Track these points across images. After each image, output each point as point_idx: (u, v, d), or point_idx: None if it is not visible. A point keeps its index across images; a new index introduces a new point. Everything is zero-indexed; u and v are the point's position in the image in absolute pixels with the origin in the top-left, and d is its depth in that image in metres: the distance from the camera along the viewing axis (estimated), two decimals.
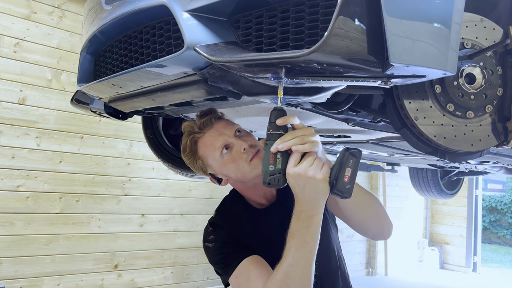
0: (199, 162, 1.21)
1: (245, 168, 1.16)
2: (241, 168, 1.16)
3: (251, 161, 1.15)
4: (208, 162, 1.20)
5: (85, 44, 1.31)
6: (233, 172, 1.19)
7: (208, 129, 1.18)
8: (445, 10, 0.77)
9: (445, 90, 0.98)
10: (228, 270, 1.15)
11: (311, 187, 0.90)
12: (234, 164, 1.16)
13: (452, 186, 4.27)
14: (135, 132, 3.79)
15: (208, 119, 1.18)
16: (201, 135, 1.19)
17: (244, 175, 1.18)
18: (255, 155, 1.16)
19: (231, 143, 1.16)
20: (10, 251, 3.16)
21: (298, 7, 0.79)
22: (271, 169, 0.91)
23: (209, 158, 1.19)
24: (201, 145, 1.19)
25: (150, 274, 3.91)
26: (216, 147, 1.16)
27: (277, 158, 0.91)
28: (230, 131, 1.18)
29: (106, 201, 3.66)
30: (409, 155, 2.27)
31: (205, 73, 0.96)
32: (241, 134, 1.20)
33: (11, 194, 3.19)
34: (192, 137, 1.19)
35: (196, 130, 1.19)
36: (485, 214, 11.12)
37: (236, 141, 1.16)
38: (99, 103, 1.62)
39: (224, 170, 1.19)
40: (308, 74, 0.79)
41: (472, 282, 6.09)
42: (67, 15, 3.51)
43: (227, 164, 1.17)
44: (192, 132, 1.20)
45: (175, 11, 0.88)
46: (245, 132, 1.22)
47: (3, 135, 3.17)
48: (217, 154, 1.17)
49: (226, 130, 1.18)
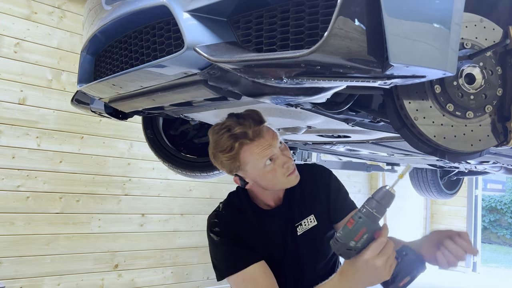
0: (236, 164, 1.23)
1: (281, 180, 1.23)
2: (276, 179, 1.23)
3: (288, 176, 1.23)
4: (246, 168, 1.23)
5: (86, 44, 1.31)
6: (266, 181, 1.24)
7: (259, 138, 1.20)
8: (444, 10, 0.77)
9: (445, 90, 0.99)
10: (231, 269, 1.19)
11: (374, 279, 0.99)
12: (273, 175, 1.22)
13: (452, 186, 4.27)
14: (135, 132, 3.79)
15: (261, 128, 1.21)
16: (251, 142, 1.20)
17: (275, 185, 1.26)
18: (292, 172, 1.24)
19: (276, 155, 1.22)
20: (10, 251, 3.16)
21: (298, 7, 0.79)
22: (351, 245, 0.96)
23: (250, 165, 1.22)
24: (247, 152, 1.21)
25: (150, 274, 3.91)
26: (263, 157, 1.20)
27: (362, 238, 0.96)
28: (276, 142, 1.23)
29: (106, 201, 3.66)
30: (409, 155, 2.27)
31: (205, 73, 0.96)
32: (282, 146, 1.26)
33: (11, 194, 3.19)
34: (241, 142, 1.20)
35: (249, 137, 1.19)
36: (485, 214, 11.12)
37: (280, 155, 1.23)
38: (99, 103, 1.62)
39: (259, 178, 1.24)
40: (308, 74, 0.79)
41: (472, 282, 6.09)
42: (67, 15, 3.51)
43: (266, 174, 1.22)
44: (242, 137, 1.20)
45: (175, 11, 0.88)
46: (284, 145, 1.28)
47: (4, 135, 3.17)
48: (261, 164, 1.21)
49: (274, 142, 1.22)
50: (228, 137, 1.20)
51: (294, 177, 1.24)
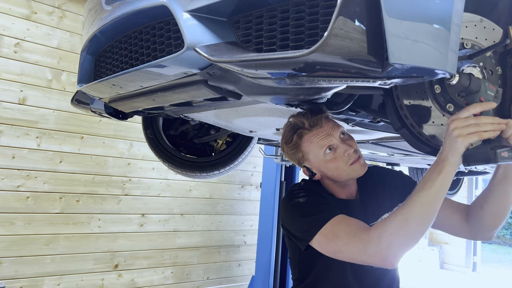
0: (299, 154, 1.29)
1: (344, 169, 1.24)
2: (340, 168, 1.24)
3: (351, 165, 1.23)
4: (309, 157, 1.27)
5: (86, 44, 1.31)
6: (330, 171, 1.26)
7: (317, 128, 1.23)
8: (444, 11, 0.78)
9: (445, 90, 0.99)
10: (321, 222, 1.14)
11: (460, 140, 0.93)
12: (335, 164, 1.24)
13: (452, 186, 4.27)
14: (135, 132, 3.79)
15: (319, 118, 1.24)
16: (309, 132, 1.24)
17: (341, 175, 1.26)
18: (356, 160, 1.23)
19: (335, 144, 1.23)
20: (10, 251, 3.16)
21: (298, 7, 0.79)
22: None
23: (311, 154, 1.26)
24: (307, 141, 1.26)
25: (150, 274, 3.91)
26: (322, 146, 1.23)
27: None
28: (337, 132, 1.24)
29: (106, 201, 3.66)
30: (409, 155, 2.27)
31: (205, 73, 0.96)
32: (344, 137, 1.26)
33: (11, 194, 3.19)
34: (300, 132, 1.25)
35: (306, 127, 1.24)
36: None
37: (340, 144, 1.23)
38: (99, 103, 1.62)
39: (322, 167, 1.27)
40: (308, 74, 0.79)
41: (472, 282, 6.09)
42: (67, 15, 3.51)
43: (328, 163, 1.24)
44: (300, 127, 1.25)
45: (175, 11, 0.88)
46: (348, 135, 1.28)
47: (4, 135, 3.17)
48: (320, 153, 1.24)
49: (333, 132, 1.24)
50: (289, 129, 1.28)
51: (359, 166, 1.24)
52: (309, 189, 1.29)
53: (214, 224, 4.35)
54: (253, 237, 4.61)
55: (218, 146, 2.31)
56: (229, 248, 4.48)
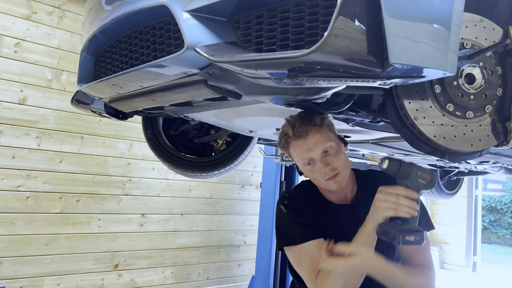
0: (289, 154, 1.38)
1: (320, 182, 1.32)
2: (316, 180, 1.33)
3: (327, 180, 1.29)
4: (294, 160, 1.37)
5: (86, 44, 1.31)
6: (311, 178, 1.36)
7: (301, 139, 1.28)
8: (444, 11, 0.77)
9: (445, 90, 0.98)
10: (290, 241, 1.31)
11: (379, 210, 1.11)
12: (312, 175, 1.32)
13: (452, 186, 4.27)
14: (135, 132, 3.79)
15: (306, 130, 1.27)
16: (293, 141, 1.30)
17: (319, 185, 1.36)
18: (332, 177, 1.29)
19: (314, 160, 1.29)
20: (10, 251, 3.16)
21: (298, 7, 0.79)
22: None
23: (295, 159, 1.35)
24: (292, 148, 1.33)
25: (150, 274, 3.91)
26: (301, 158, 1.30)
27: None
28: (319, 149, 1.27)
29: (106, 201, 3.66)
30: (409, 155, 2.27)
31: (205, 73, 0.96)
32: (328, 153, 1.29)
33: (11, 194, 3.19)
34: (285, 139, 1.32)
35: (290, 135, 1.30)
36: (485, 214, 11.12)
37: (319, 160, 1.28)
38: (99, 103, 1.62)
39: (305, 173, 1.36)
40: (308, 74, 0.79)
41: (472, 282, 6.09)
42: (67, 15, 3.51)
43: (307, 172, 1.33)
44: (285, 134, 1.32)
45: (175, 11, 0.88)
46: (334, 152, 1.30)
47: (4, 135, 3.17)
48: (300, 163, 1.32)
49: (315, 147, 1.27)
50: (280, 132, 1.35)
51: (333, 183, 1.29)
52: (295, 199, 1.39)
53: (214, 224, 4.35)
54: (253, 237, 4.61)
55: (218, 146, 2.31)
56: (229, 248, 4.48)
